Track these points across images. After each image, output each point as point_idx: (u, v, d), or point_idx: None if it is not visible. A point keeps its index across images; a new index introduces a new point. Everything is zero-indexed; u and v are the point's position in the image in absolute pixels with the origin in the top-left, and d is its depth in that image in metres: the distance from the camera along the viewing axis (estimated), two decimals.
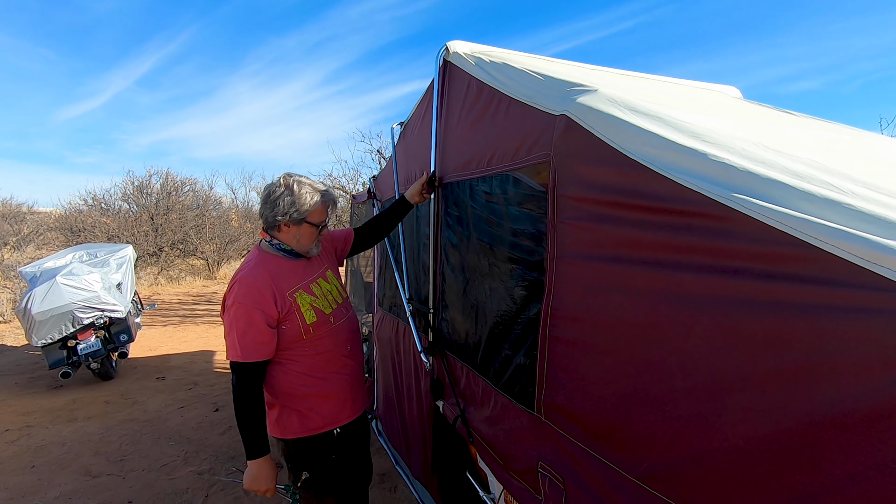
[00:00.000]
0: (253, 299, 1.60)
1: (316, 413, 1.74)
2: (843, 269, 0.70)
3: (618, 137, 1.11)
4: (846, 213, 0.73)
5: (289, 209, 1.67)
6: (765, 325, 0.79)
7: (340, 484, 1.83)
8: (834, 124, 2.12)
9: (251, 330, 1.59)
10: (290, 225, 1.71)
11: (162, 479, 3.22)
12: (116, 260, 5.80)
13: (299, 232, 1.72)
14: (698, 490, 0.91)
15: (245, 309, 1.59)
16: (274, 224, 1.71)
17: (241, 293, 1.61)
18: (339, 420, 1.80)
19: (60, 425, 4.15)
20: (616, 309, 1.11)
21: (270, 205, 1.69)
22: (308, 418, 1.74)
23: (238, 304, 1.60)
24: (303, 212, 1.68)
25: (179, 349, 6.72)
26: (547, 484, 1.36)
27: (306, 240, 1.75)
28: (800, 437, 0.74)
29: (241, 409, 1.60)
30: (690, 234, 0.92)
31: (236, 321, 1.59)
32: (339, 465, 1.80)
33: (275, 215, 1.69)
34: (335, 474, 1.80)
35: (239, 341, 1.58)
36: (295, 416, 1.73)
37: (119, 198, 14.36)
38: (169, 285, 12.82)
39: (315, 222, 1.73)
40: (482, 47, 2.06)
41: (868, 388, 0.67)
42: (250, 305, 1.59)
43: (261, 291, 1.62)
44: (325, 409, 1.76)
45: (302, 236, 1.73)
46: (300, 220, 1.69)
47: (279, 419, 1.75)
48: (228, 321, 1.62)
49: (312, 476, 1.76)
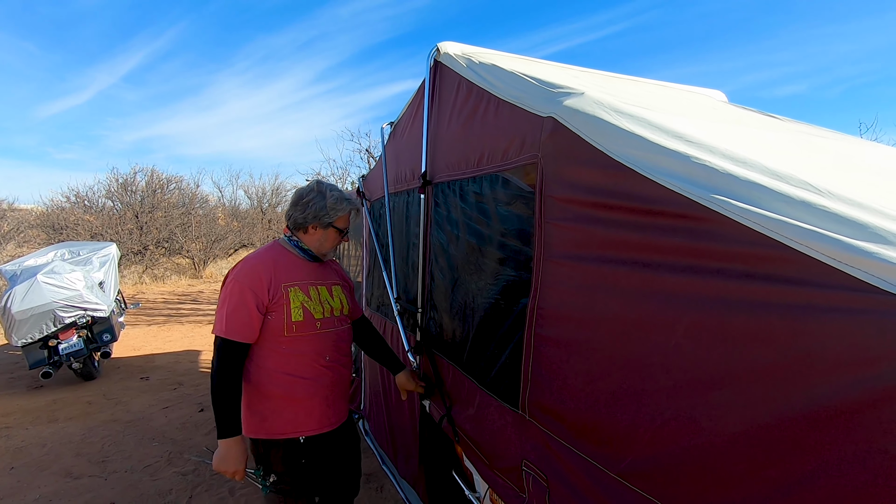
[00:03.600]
0: (249, 279, 1.67)
1: (278, 416, 1.72)
2: (816, 270, 0.72)
3: (603, 139, 1.13)
4: (820, 215, 0.75)
5: (319, 213, 1.78)
6: (742, 324, 0.81)
7: (314, 491, 1.79)
8: (814, 128, 2.17)
9: (240, 308, 1.64)
10: (317, 228, 1.81)
11: (145, 479, 3.18)
12: (99, 258, 5.71)
13: (325, 235, 1.83)
14: (677, 486, 0.93)
15: (240, 286, 1.65)
16: (302, 225, 1.81)
17: (241, 271, 1.70)
18: (304, 428, 1.75)
19: (40, 426, 4.07)
20: (601, 308, 1.12)
21: (301, 207, 1.80)
22: (269, 421, 1.72)
23: (235, 281, 1.67)
24: (332, 216, 1.80)
25: (164, 349, 6.64)
26: (531, 482, 1.38)
27: (330, 243, 1.86)
28: (774, 433, 0.76)
29: (217, 386, 1.62)
30: (673, 235, 0.94)
31: (230, 296, 1.66)
32: (312, 471, 1.77)
33: (305, 217, 1.79)
34: (307, 480, 1.76)
35: (227, 316, 1.63)
36: (258, 416, 1.72)
37: (103, 195, 14.15)
38: (154, 284, 12.65)
39: (341, 227, 1.85)
40: (472, 48, 2.07)
41: (838, 385, 0.69)
42: (245, 284, 1.66)
43: (258, 274, 1.68)
44: (289, 414, 1.73)
45: (326, 240, 1.84)
46: (328, 224, 1.81)
47: (246, 415, 1.73)
48: (223, 295, 1.68)
49: (281, 479, 1.73)
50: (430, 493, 2.34)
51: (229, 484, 3.08)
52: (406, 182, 2.50)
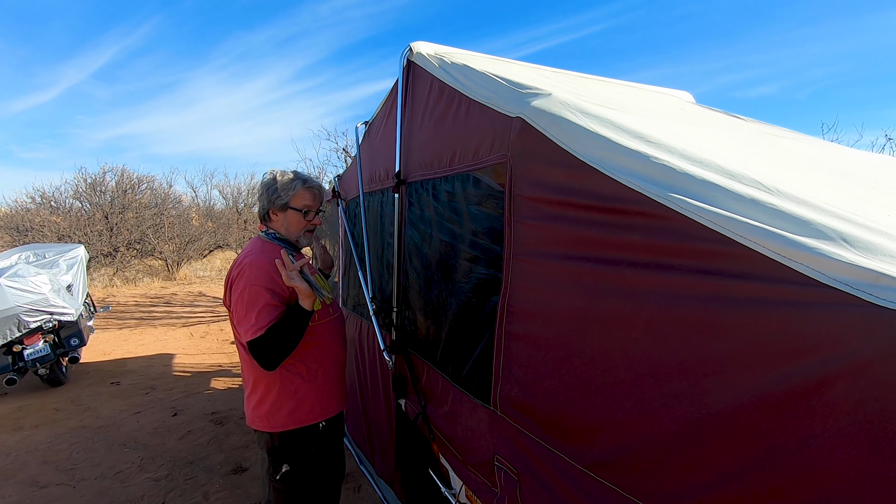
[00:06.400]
0: (264, 280, 1.66)
1: (306, 405, 1.80)
2: (763, 265, 0.76)
3: (569, 140, 1.15)
4: (768, 212, 0.79)
5: (272, 197, 1.82)
6: (696, 317, 0.85)
7: (317, 479, 1.89)
8: (777, 129, 2.25)
9: (267, 308, 1.63)
10: (276, 212, 1.84)
11: (116, 486, 3.10)
12: (66, 261, 5.53)
13: (286, 219, 1.84)
14: (639, 475, 0.97)
15: (258, 290, 1.64)
16: (265, 213, 1.86)
17: (253, 276, 1.67)
18: (326, 412, 1.85)
19: (5, 434, 3.93)
20: (566, 304, 1.15)
21: (260, 195, 1.86)
22: (298, 410, 1.79)
23: (251, 287, 1.65)
24: (284, 197, 1.81)
25: (136, 353, 6.46)
26: (503, 477, 1.40)
27: (294, 226, 1.85)
28: (726, 421, 0.80)
29: (280, 339, 1.62)
30: (633, 232, 0.98)
31: (252, 302, 1.63)
32: (318, 459, 1.87)
33: (264, 205, 1.85)
34: (313, 469, 1.86)
35: (256, 319, 1.61)
36: (286, 408, 1.78)
37: (70, 195, 13.67)
38: (125, 287, 12.31)
39: (298, 207, 1.83)
40: (445, 48, 2.08)
41: (783, 373, 0.73)
42: (262, 287, 1.65)
43: (269, 273, 1.68)
44: (314, 400, 1.81)
45: (289, 223, 1.84)
46: (284, 205, 1.81)
47: (270, 412, 1.78)
48: (244, 304, 1.64)
49: (292, 470, 1.81)
50: (407, 492, 2.35)
51: (203, 488, 3.03)
52: (380, 181, 2.50)
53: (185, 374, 5.52)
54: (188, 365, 5.88)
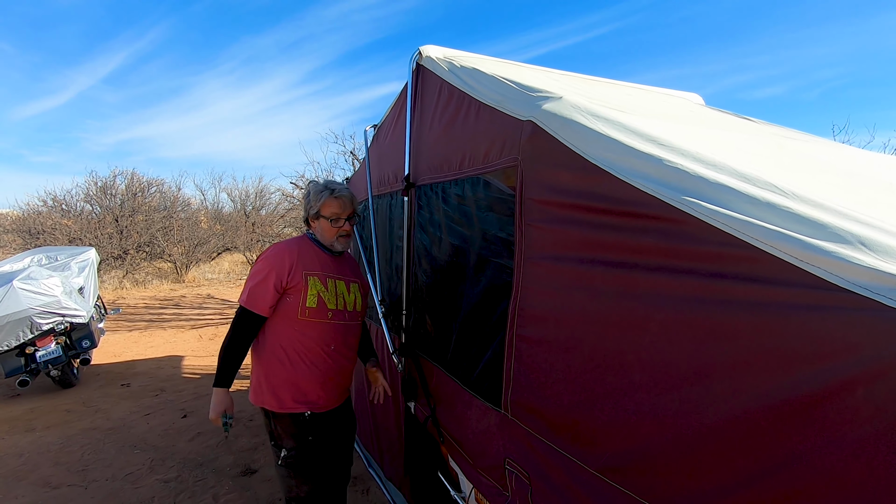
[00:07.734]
0: (275, 261, 1.87)
1: (286, 392, 1.90)
2: (780, 269, 0.75)
3: (580, 143, 1.15)
4: (784, 216, 0.79)
5: (307, 208, 2.01)
6: (712, 322, 0.84)
7: (319, 473, 1.95)
8: (788, 130, 2.23)
9: (262, 285, 1.85)
10: (313, 221, 2.01)
11: (127, 488, 3.12)
12: (78, 263, 5.59)
13: (320, 226, 1.99)
14: (652, 479, 0.96)
15: (266, 266, 1.87)
16: (306, 220, 2.05)
17: (269, 254, 1.91)
18: (309, 403, 1.91)
19: (17, 435, 3.97)
20: (578, 308, 1.15)
21: (303, 206, 2.06)
22: (278, 395, 1.90)
23: (263, 261, 1.89)
24: (315, 207, 1.96)
25: (146, 355, 6.51)
26: (514, 480, 1.40)
27: (327, 233, 1.99)
28: (742, 426, 0.79)
29: (227, 343, 1.84)
30: (646, 236, 0.97)
31: (256, 273, 1.87)
32: (318, 449, 1.93)
33: (305, 215, 2.04)
34: (313, 457, 1.93)
35: (250, 290, 1.86)
36: (270, 389, 1.91)
37: (81, 199, 13.81)
38: (134, 289, 12.41)
39: (326, 216, 1.96)
40: (454, 52, 2.09)
41: (802, 377, 0.72)
42: (270, 266, 1.86)
43: (283, 257, 1.88)
44: (294, 389, 1.91)
45: (322, 230, 1.99)
46: (316, 214, 1.98)
47: (255, 386, 1.94)
48: (252, 272, 1.89)
49: (290, 455, 1.91)
50: (415, 495, 2.34)
51: (213, 490, 3.04)
52: (389, 184, 2.51)
53: (194, 376, 5.56)
54: (197, 367, 5.91)
